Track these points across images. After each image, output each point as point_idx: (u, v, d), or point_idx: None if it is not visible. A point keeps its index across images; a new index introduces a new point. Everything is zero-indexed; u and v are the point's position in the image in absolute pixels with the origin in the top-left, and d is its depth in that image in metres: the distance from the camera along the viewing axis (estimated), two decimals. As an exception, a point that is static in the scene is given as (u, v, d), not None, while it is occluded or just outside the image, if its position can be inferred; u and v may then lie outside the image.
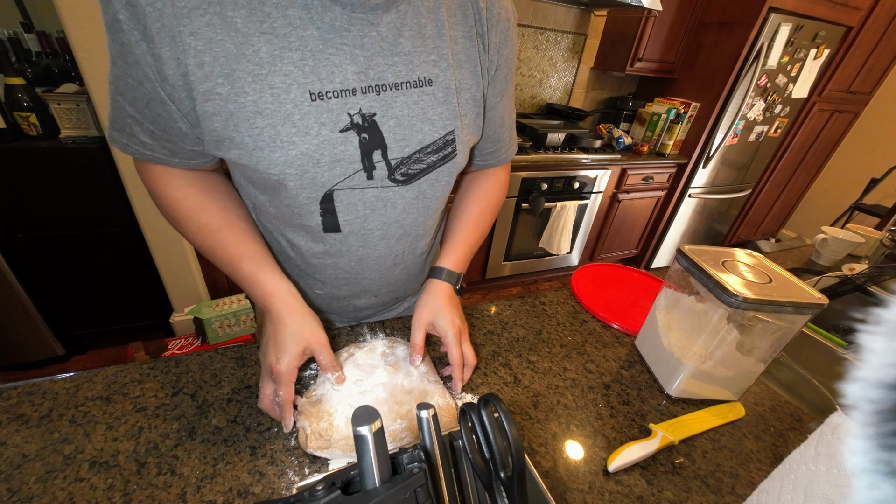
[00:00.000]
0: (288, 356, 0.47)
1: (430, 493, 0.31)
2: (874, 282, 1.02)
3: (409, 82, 0.47)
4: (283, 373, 0.47)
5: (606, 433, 0.56)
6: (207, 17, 0.36)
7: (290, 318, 0.49)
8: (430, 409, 0.36)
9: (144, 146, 0.45)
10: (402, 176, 0.51)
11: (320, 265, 0.58)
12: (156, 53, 0.37)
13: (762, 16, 2.06)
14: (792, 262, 1.24)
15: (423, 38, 0.46)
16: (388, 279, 0.63)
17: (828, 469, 0.33)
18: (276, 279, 0.51)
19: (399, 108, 0.47)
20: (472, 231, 0.66)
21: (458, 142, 0.53)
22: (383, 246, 0.57)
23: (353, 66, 0.43)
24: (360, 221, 0.53)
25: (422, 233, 0.60)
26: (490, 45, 0.53)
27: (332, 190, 0.48)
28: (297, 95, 0.41)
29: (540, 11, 2.24)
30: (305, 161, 0.44)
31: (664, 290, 0.68)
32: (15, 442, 0.46)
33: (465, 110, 0.53)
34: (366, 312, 0.71)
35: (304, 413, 0.49)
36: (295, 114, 0.42)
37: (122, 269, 1.63)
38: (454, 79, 0.50)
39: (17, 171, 1.33)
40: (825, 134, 2.95)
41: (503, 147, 0.67)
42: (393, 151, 0.49)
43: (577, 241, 2.50)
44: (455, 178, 0.58)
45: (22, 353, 1.60)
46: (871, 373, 0.14)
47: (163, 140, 0.44)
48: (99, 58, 1.25)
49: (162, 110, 0.41)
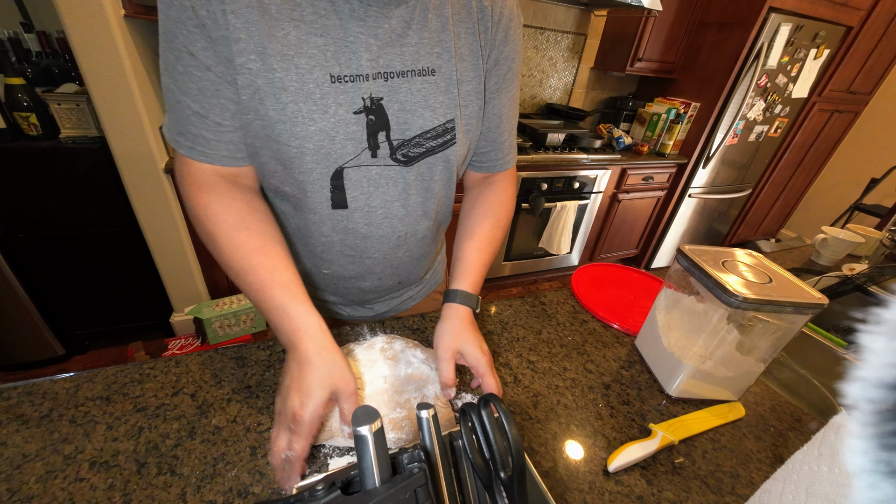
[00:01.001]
0: (314, 402, 0.43)
1: (430, 493, 0.31)
2: (874, 282, 1.02)
3: (414, 71, 0.51)
4: (305, 421, 0.42)
5: (606, 433, 0.56)
6: (246, 1, 0.41)
7: (320, 359, 0.45)
8: (430, 409, 0.36)
9: (208, 145, 0.48)
10: (403, 157, 0.54)
11: (328, 243, 0.59)
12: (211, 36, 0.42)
13: (762, 16, 2.06)
14: (792, 262, 1.24)
15: (429, 32, 0.50)
16: (391, 260, 0.64)
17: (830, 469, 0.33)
18: (308, 314, 0.48)
19: (403, 94, 0.51)
20: (485, 250, 0.64)
21: (457, 130, 0.56)
22: (387, 225, 0.59)
23: (367, 53, 0.47)
24: (365, 198, 0.55)
25: (422, 214, 0.61)
26: (490, 42, 0.56)
27: (343, 167, 0.52)
28: (319, 76, 0.46)
29: (540, 11, 2.24)
30: (322, 137, 0.48)
31: (664, 290, 0.68)
32: (15, 442, 0.46)
33: (465, 101, 0.56)
34: (370, 296, 0.71)
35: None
36: (316, 93, 0.46)
37: (122, 269, 1.63)
38: (456, 71, 0.53)
39: (17, 171, 1.33)
40: (825, 134, 2.95)
41: (501, 151, 0.66)
42: (395, 133, 0.52)
43: (577, 241, 2.50)
44: (455, 166, 0.59)
45: (22, 353, 1.60)
46: (871, 373, 0.14)
47: (228, 132, 0.48)
48: (99, 58, 1.25)
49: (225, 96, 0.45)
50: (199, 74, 0.44)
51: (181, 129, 0.47)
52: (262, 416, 0.52)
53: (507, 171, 0.70)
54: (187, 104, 0.45)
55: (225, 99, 0.45)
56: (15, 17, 1.51)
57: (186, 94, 0.45)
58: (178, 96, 0.45)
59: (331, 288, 0.69)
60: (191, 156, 0.48)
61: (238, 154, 0.50)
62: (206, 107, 0.45)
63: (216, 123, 0.46)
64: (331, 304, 0.73)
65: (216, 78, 0.44)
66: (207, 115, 0.46)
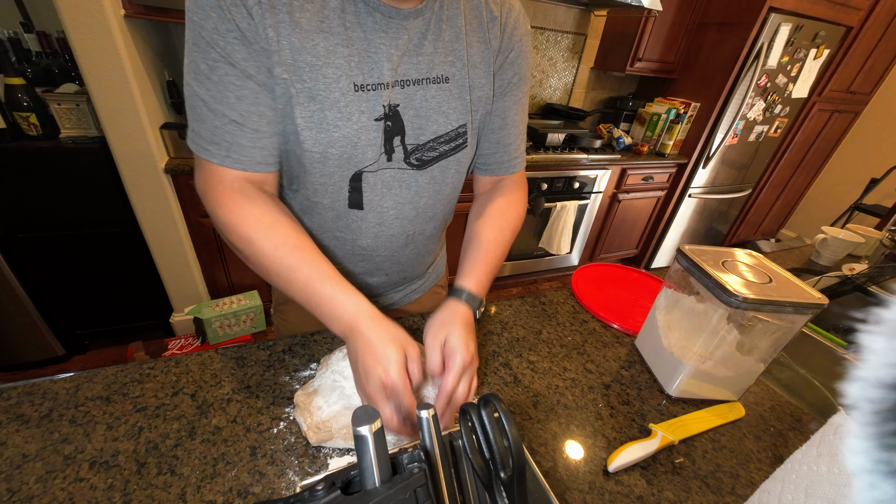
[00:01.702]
0: (395, 363, 0.43)
1: (430, 493, 0.31)
2: (874, 282, 1.02)
3: (429, 79, 0.53)
4: (396, 382, 0.43)
5: (606, 433, 0.56)
6: (280, 16, 0.43)
7: (382, 329, 0.46)
8: (430, 409, 0.36)
9: (244, 152, 0.48)
10: (417, 161, 0.57)
11: (340, 240, 0.61)
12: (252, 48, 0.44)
13: (762, 16, 2.05)
14: (792, 262, 1.24)
15: (443, 42, 0.53)
16: (398, 258, 0.66)
17: (829, 469, 0.33)
18: (359, 299, 0.48)
19: (419, 101, 0.53)
20: (492, 252, 0.63)
21: (468, 134, 0.59)
22: (397, 225, 0.61)
23: (388, 63, 0.49)
24: (379, 199, 0.57)
25: (431, 216, 0.64)
26: (498, 49, 0.58)
27: (362, 171, 0.54)
28: (344, 85, 0.48)
29: (540, 11, 2.24)
30: (345, 143, 0.50)
31: (664, 290, 0.68)
32: (15, 442, 0.46)
33: (476, 107, 0.58)
34: (376, 290, 0.74)
35: (299, 407, 0.49)
36: (341, 101, 0.48)
37: (122, 269, 1.63)
38: (468, 77, 0.56)
39: (17, 171, 1.33)
40: (825, 134, 2.95)
41: (507, 154, 0.66)
42: (410, 138, 0.54)
43: (577, 241, 2.50)
44: (466, 168, 0.61)
45: (22, 353, 1.60)
46: (871, 373, 0.14)
47: (265, 138, 0.49)
48: (99, 58, 1.25)
49: (264, 103, 0.47)
50: (240, 83, 0.45)
51: (214, 138, 0.47)
52: (261, 416, 0.52)
53: (516, 176, 0.70)
54: (223, 113, 0.46)
55: (264, 106, 0.47)
56: (15, 17, 1.51)
57: (222, 103, 0.45)
58: (213, 105, 0.45)
59: None
60: (224, 164, 0.48)
61: (270, 160, 0.51)
62: (244, 115, 0.46)
63: (253, 131, 0.47)
64: None
65: (256, 86, 0.46)
66: (245, 124, 0.47)
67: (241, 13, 0.42)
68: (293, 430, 0.50)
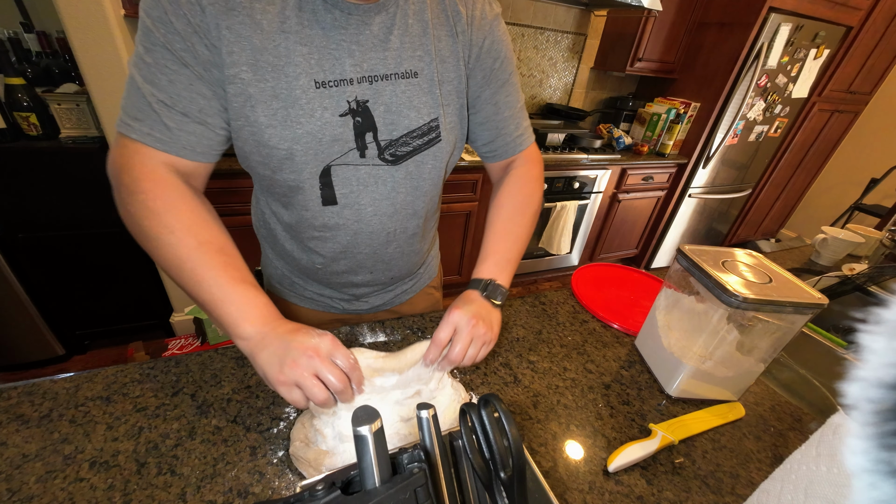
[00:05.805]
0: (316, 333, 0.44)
1: (430, 493, 0.31)
2: (874, 282, 1.02)
3: (398, 74, 0.53)
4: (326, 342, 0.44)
5: (606, 433, 0.56)
6: (239, 17, 0.44)
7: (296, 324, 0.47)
8: (430, 409, 0.36)
9: (168, 133, 0.47)
10: (391, 156, 0.56)
11: (320, 238, 0.62)
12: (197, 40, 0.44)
13: (762, 16, 2.05)
14: (792, 262, 1.24)
15: (410, 36, 0.53)
16: (381, 255, 0.66)
17: (828, 469, 0.33)
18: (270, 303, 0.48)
19: (388, 96, 0.53)
20: (504, 237, 0.64)
21: (441, 128, 0.58)
22: (376, 221, 0.61)
23: (350, 59, 0.50)
24: (355, 196, 0.57)
25: (411, 212, 0.63)
26: (467, 42, 0.58)
27: (330, 165, 0.54)
28: (305, 83, 0.48)
29: (540, 11, 2.24)
30: (310, 139, 0.51)
31: (664, 290, 0.68)
32: (15, 442, 0.46)
33: (447, 101, 0.58)
34: (364, 290, 0.73)
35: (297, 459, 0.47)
36: (302, 98, 0.49)
37: (122, 269, 1.63)
38: (437, 72, 0.56)
39: (17, 171, 1.33)
40: (825, 134, 2.95)
41: (508, 135, 0.66)
42: (382, 133, 0.55)
43: (577, 241, 2.50)
44: (443, 163, 0.61)
45: (22, 353, 1.60)
46: (871, 373, 0.14)
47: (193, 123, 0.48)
48: (99, 58, 1.25)
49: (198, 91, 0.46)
50: (175, 69, 0.45)
51: (139, 115, 0.46)
52: (261, 416, 0.52)
53: (525, 154, 0.70)
54: (152, 93, 0.45)
55: (197, 94, 0.46)
56: (15, 17, 1.51)
57: (153, 84, 0.45)
58: (143, 85, 0.45)
59: (325, 282, 0.71)
60: (145, 141, 0.46)
61: (199, 148, 0.49)
62: (174, 98, 0.45)
63: (182, 114, 0.47)
64: (326, 299, 0.74)
65: (192, 75, 0.46)
66: (174, 106, 0.46)
67: (194, 10, 0.43)
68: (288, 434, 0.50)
